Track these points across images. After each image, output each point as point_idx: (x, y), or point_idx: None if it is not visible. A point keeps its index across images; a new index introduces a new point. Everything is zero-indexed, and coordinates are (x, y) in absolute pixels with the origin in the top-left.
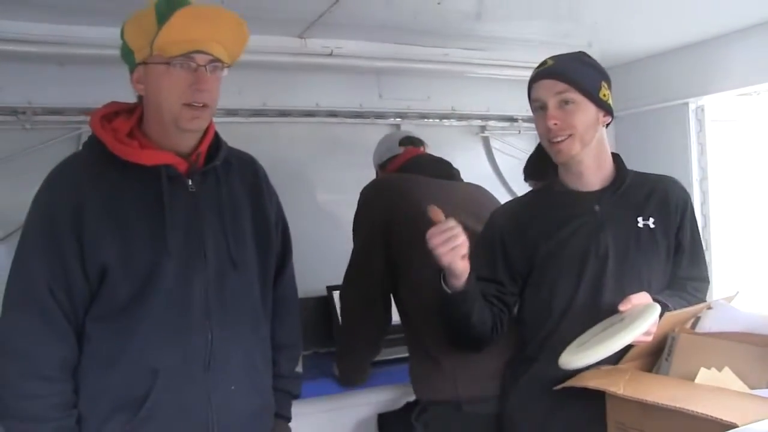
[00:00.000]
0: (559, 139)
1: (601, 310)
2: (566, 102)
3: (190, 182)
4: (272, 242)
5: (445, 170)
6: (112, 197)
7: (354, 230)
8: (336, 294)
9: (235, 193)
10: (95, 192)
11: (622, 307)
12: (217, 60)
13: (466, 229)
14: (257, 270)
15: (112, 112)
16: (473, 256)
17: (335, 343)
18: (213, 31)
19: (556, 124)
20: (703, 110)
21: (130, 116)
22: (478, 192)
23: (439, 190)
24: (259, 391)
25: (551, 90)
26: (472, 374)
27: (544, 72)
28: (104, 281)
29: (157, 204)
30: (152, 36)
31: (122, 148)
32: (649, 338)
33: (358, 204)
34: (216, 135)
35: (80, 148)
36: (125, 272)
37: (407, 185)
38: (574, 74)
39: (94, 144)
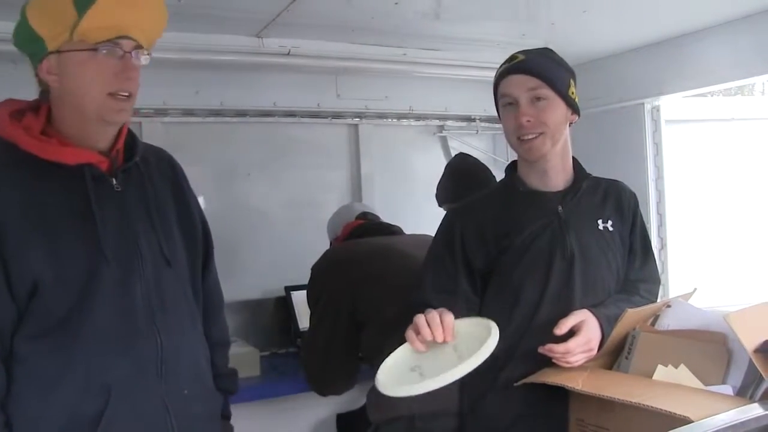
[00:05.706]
0: (530, 136)
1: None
2: (539, 98)
3: (114, 181)
4: (198, 239)
5: (385, 228)
6: (33, 203)
7: (311, 305)
8: (294, 294)
9: (158, 189)
10: (13, 200)
11: (557, 331)
12: (140, 46)
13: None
14: (187, 267)
15: (17, 111)
16: (432, 261)
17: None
18: (138, 16)
19: (529, 120)
20: (658, 110)
21: (37, 114)
22: (425, 238)
23: (385, 242)
24: (209, 391)
25: (523, 86)
26: None
27: (516, 67)
28: (35, 297)
29: (84, 207)
30: (71, 21)
31: (40, 145)
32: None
33: (311, 279)
34: (129, 130)
35: None
36: (60, 284)
37: (357, 249)
38: (546, 71)
39: None
